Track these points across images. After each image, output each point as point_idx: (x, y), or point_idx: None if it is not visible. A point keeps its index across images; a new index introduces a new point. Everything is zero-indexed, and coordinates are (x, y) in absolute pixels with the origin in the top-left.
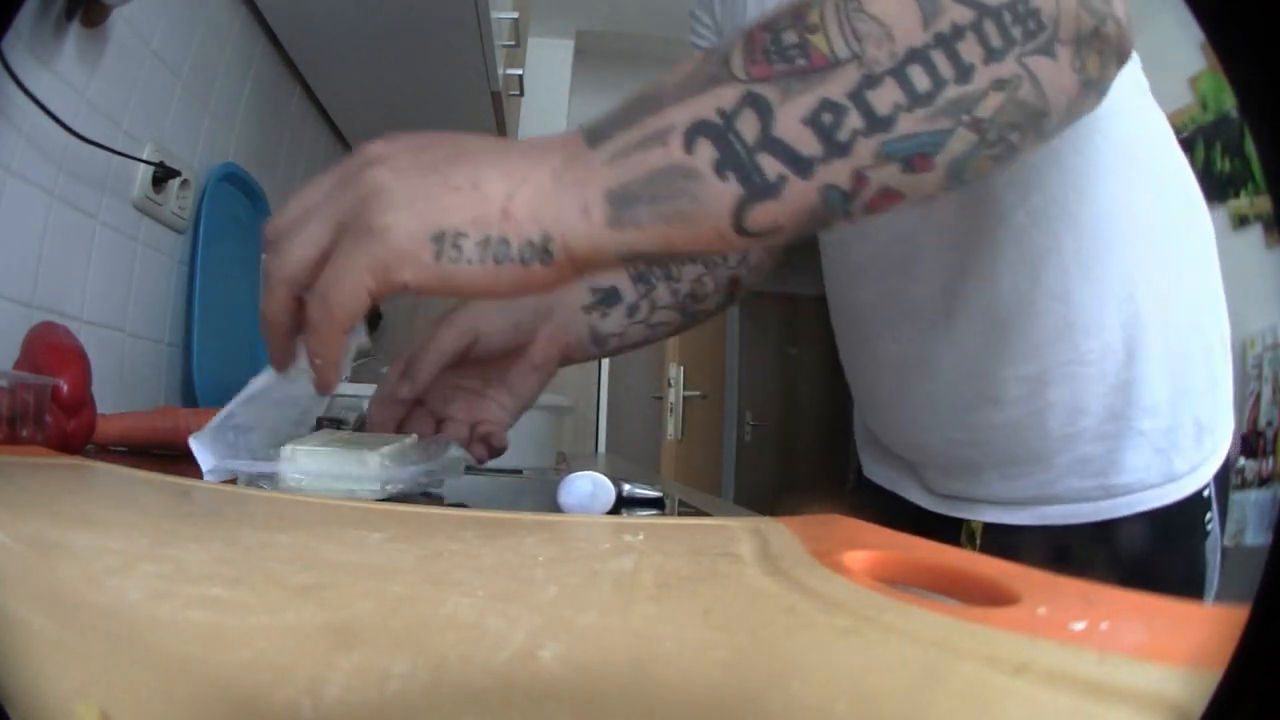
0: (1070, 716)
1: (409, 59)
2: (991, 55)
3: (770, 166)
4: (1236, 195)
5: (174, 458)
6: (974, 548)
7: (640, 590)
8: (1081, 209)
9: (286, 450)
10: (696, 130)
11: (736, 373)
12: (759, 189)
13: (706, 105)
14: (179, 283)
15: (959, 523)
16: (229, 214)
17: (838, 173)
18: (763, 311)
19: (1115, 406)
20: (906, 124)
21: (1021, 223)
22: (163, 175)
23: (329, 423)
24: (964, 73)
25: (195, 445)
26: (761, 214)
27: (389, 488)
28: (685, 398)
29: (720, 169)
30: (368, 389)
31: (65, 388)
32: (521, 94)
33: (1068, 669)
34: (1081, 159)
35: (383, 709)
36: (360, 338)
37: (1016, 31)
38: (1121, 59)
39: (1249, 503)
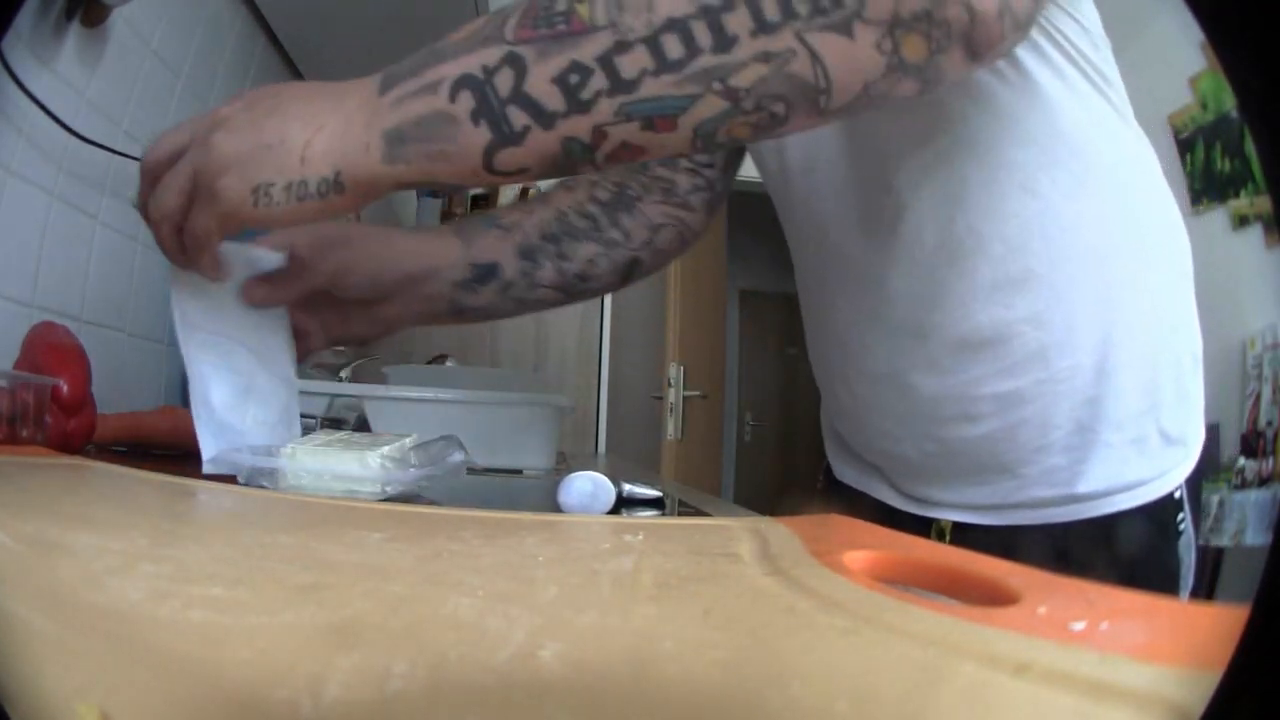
0: (1071, 716)
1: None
2: (762, 28)
3: (517, 118)
4: (1236, 195)
5: (174, 458)
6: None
7: (640, 590)
8: (1059, 236)
9: (287, 449)
10: (460, 84)
11: (736, 373)
12: (506, 136)
13: (473, 62)
14: None
15: (928, 521)
16: None
17: (577, 126)
18: (763, 311)
19: (1083, 420)
20: (651, 87)
21: (997, 252)
22: None
23: (329, 423)
24: (725, 43)
25: (200, 428)
26: (507, 158)
27: (389, 489)
28: (685, 398)
29: (475, 117)
30: (369, 389)
31: (65, 388)
32: None
33: (1068, 669)
34: (1056, 189)
35: (383, 708)
36: (269, 259)
37: (802, 8)
38: (973, 46)
39: (1249, 503)
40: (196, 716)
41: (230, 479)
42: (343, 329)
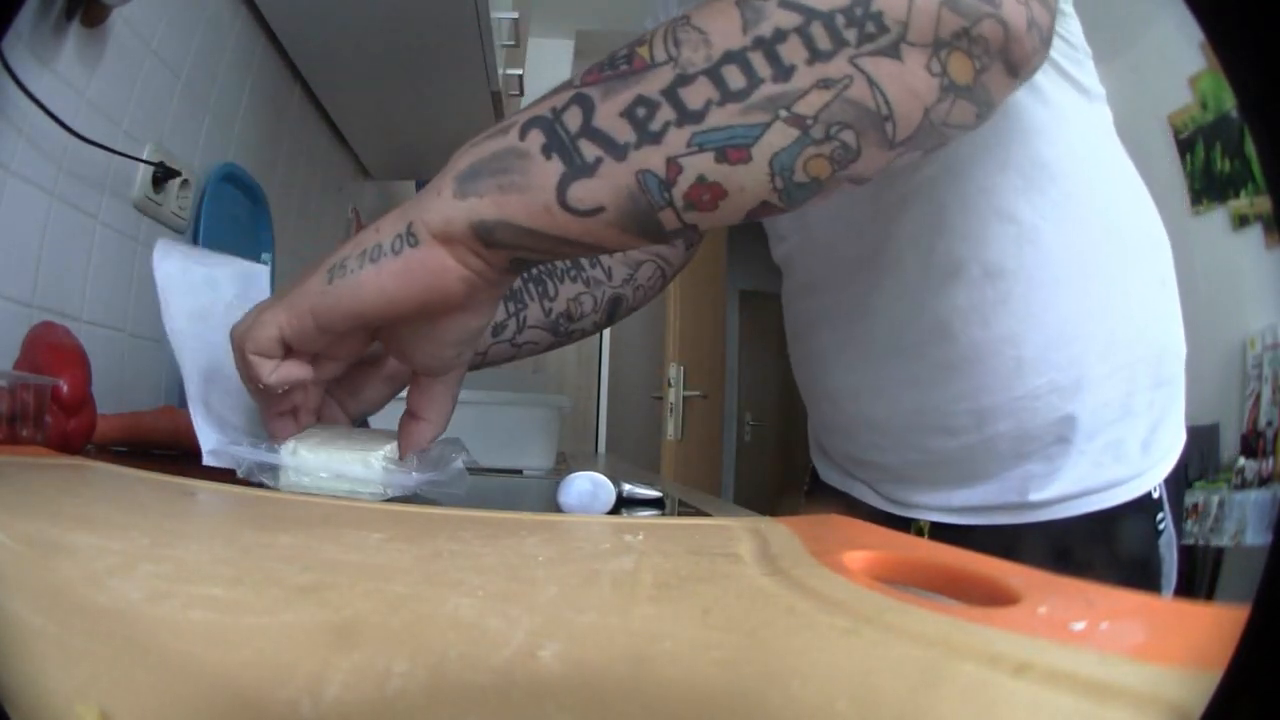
0: (1071, 716)
1: (409, 59)
2: (817, 56)
3: (589, 150)
4: (1236, 195)
5: (174, 458)
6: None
7: (640, 590)
8: (1036, 259)
9: (289, 445)
10: (530, 124)
11: (736, 373)
12: (578, 168)
13: (544, 106)
14: None
15: (908, 521)
16: (229, 214)
17: (650, 158)
18: (763, 311)
19: (1061, 433)
20: (718, 116)
21: (975, 275)
22: (163, 175)
23: None
24: (783, 72)
25: (197, 420)
26: (582, 191)
27: (390, 491)
28: (685, 398)
29: (546, 151)
30: None
31: (65, 388)
32: (521, 94)
33: (1068, 669)
34: (1035, 213)
35: (383, 708)
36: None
37: (850, 34)
38: (1011, 64)
39: (1249, 503)
40: (196, 716)
41: (230, 475)
42: (352, 396)
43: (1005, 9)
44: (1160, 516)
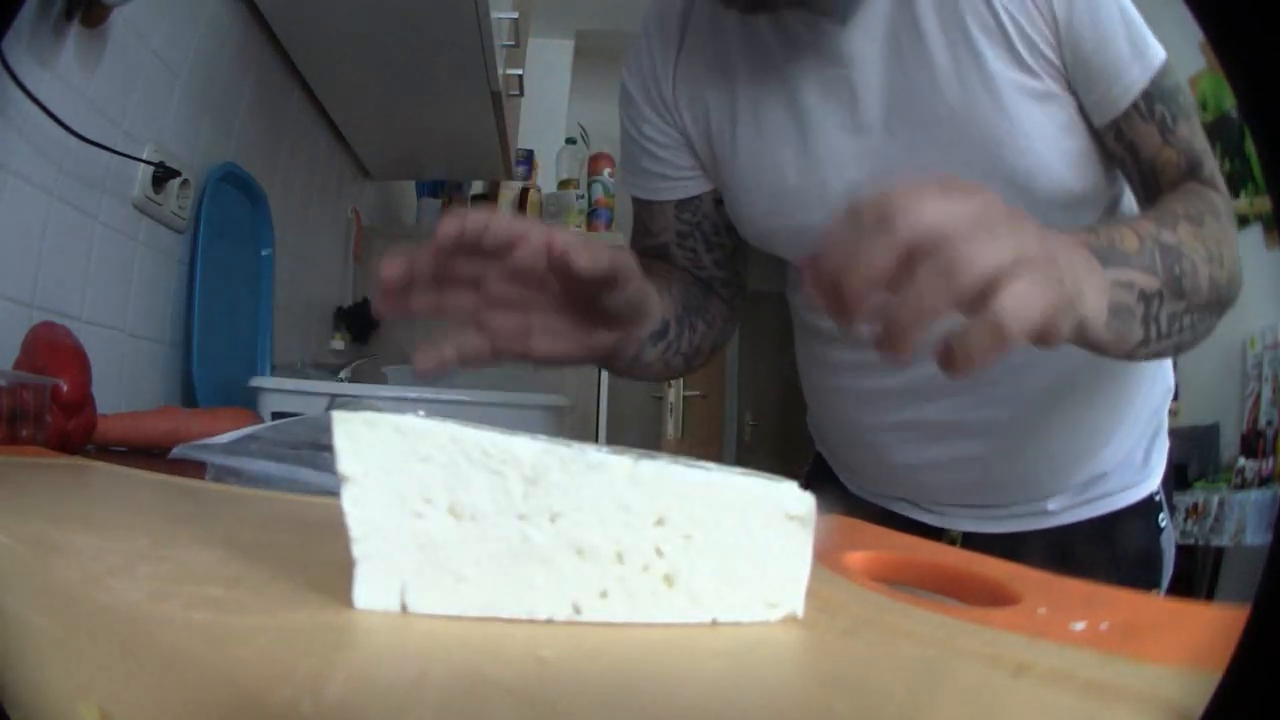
0: (1071, 716)
1: (409, 59)
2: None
3: (1153, 330)
4: (1236, 195)
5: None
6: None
7: None
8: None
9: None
10: (1140, 297)
11: (736, 373)
12: (1146, 340)
13: (1146, 281)
14: (179, 283)
15: (940, 531)
16: (229, 214)
17: (1163, 345)
18: (763, 312)
19: (1093, 469)
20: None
21: (1045, 372)
22: (163, 175)
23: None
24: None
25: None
26: (1142, 350)
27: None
28: (685, 398)
29: (1144, 322)
30: (369, 389)
31: (65, 388)
32: (521, 94)
33: (1068, 669)
34: None
35: (383, 709)
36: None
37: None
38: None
39: (1249, 503)
40: (196, 716)
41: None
42: (573, 341)
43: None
44: (1161, 516)
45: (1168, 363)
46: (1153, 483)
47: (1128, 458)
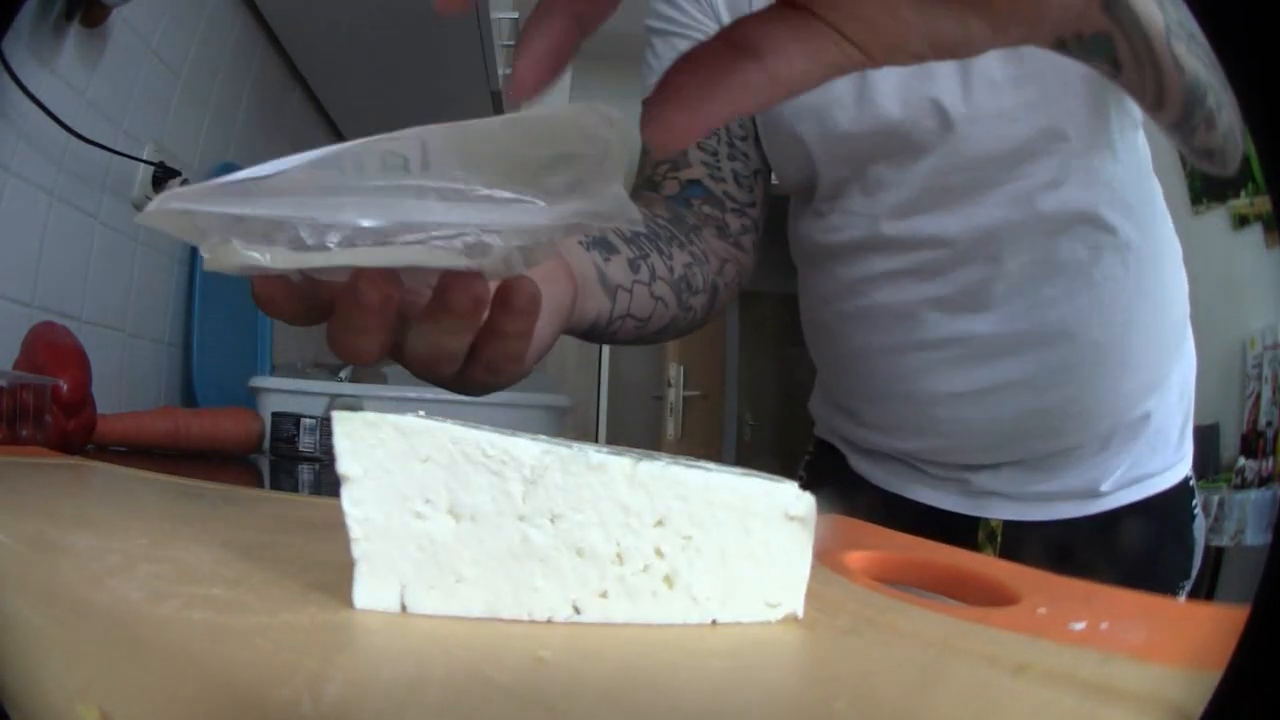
0: (1071, 716)
1: (409, 59)
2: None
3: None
4: (1236, 195)
5: (174, 458)
6: (994, 548)
7: None
8: (1136, 268)
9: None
10: None
11: (736, 373)
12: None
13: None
14: (179, 283)
15: (974, 522)
16: None
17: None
18: (763, 311)
19: (1137, 428)
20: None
21: (1096, 278)
22: (163, 175)
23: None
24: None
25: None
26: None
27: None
28: (685, 398)
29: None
30: (369, 388)
31: (65, 388)
32: None
33: (1068, 669)
34: (1129, 224)
35: (382, 709)
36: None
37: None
38: None
39: (1249, 502)
40: (197, 716)
41: (230, 476)
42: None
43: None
44: (1194, 503)
45: (1190, 341)
46: (1186, 466)
47: (1169, 418)
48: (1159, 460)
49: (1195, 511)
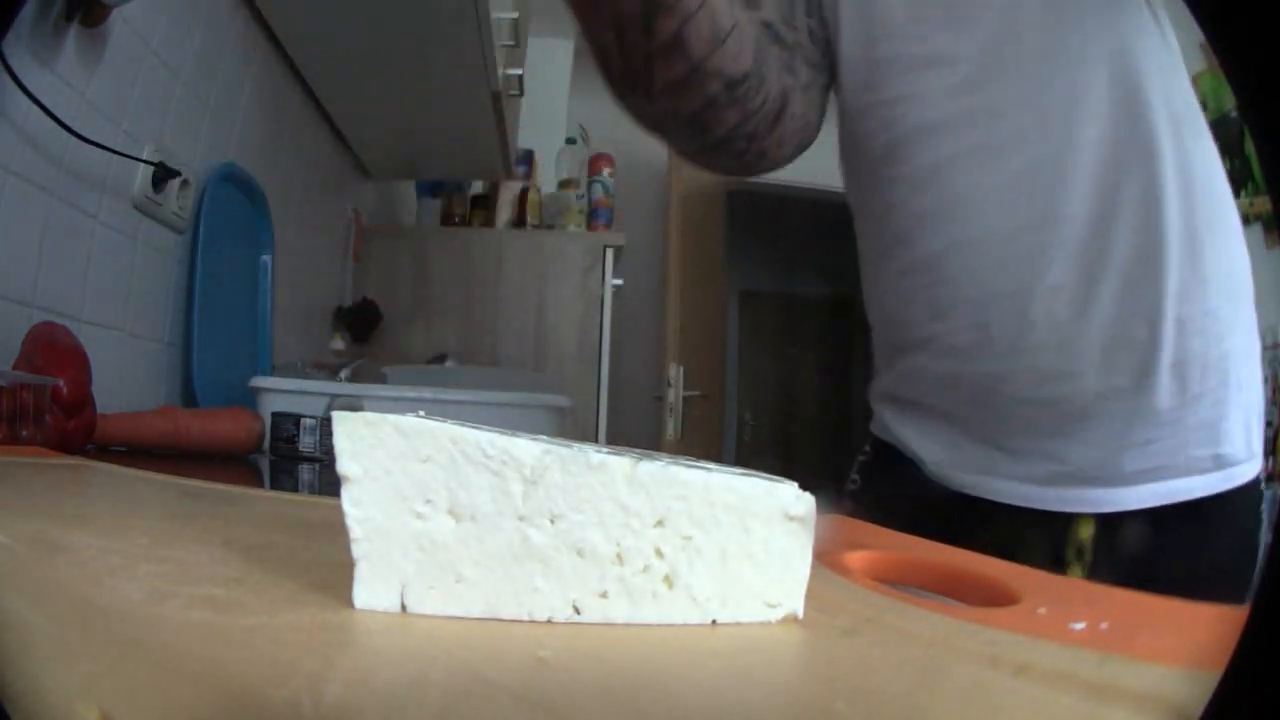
0: (1071, 716)
1: (409, 59)
2: None
3: None
4: (1237, 195)
5: (174, 458)
6: (1082, 564)
7: None
8: (1200, 188)
9: None
10: None
11: (736, 373)
12: None
13: None
14: (179, 283)
15: (1067, 520)
16: (229, 214)
17: None
18: (763, 311)
19: (1223, 373)
20: None
21: (1177, 189)
22: (163, 175)
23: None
24: None
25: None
26: None
27: None
28: (685, 398)
29: None
30: (369, 389)
31: (65, 388)
32: (521, 94)
33: (1068, 669)
34: (1193, 142)
35: (382, 709)
36: None
37: None
38: None
39: None
40: (196, 716)
41: (229, 476)
42: None
43: None
44: (1263, 505)
45: (1257, 358)
46: (1257, 463)
47: (1244, 376)
48: (1240, 447)
49: (1263, 513)
